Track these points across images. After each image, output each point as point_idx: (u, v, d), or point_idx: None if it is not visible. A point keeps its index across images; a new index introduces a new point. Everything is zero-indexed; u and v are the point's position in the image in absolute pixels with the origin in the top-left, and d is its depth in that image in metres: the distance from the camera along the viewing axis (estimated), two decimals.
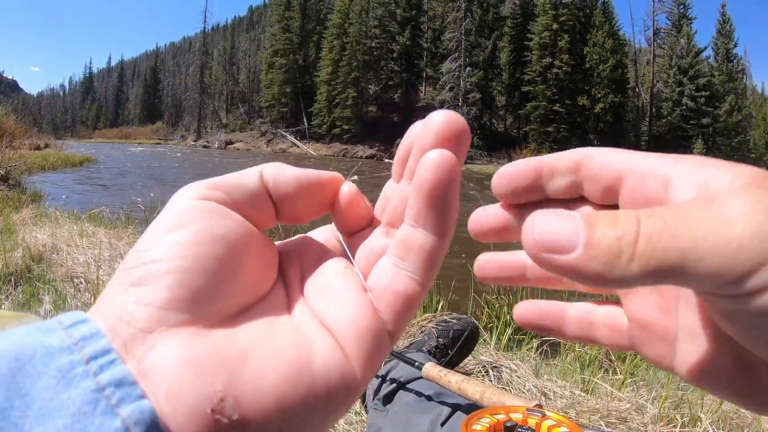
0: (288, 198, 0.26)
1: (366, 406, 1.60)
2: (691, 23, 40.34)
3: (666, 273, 0.18)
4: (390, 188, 0.28)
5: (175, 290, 0.20)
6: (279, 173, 0.26)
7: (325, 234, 0.30)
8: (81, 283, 2.82)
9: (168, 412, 0.18)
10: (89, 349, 0.19)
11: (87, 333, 0.19)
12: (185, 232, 0.22)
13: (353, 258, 0.27)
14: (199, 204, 0.23)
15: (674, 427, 1.60)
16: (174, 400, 0.18)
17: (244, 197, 0.25)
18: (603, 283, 0.19)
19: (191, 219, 0.22)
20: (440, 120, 0.23)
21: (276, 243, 0.28)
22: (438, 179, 0.22)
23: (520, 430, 0.80)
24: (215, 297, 0.22)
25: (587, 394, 1.82)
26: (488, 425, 0.80)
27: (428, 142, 0.23)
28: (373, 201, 0.29)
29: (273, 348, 0.21)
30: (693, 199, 0.19)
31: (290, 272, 0.26)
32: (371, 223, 0.29)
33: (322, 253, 0.27)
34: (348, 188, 0.28)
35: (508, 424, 0.80)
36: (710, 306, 0.21)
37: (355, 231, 0.28)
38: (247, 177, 0.25)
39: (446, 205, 0.23)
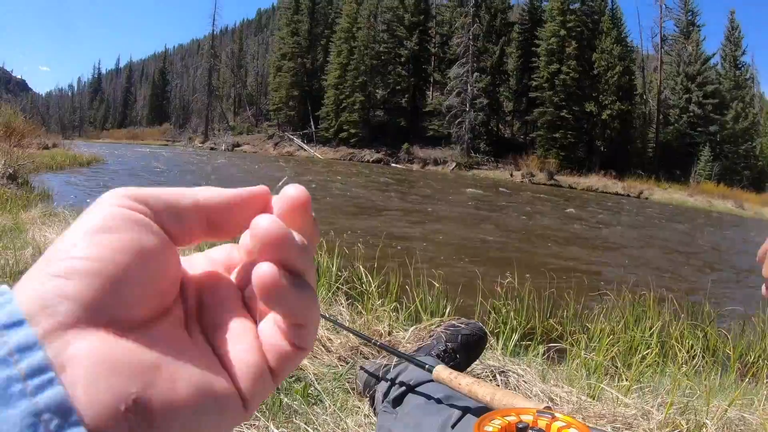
0: (220, 213, 0.27)
1: (375, 409, 1.61)
2: (700, 30, 40.22)
3: None
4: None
5: (97, 292, 0.21)
6: (212, 191, 0.27)
7: (227, 250, 0.30)
8: None
9: (85, 402, 0.19)
10: (26, 363, 0.19)
11: (24, 343, 0.19)
12: (111, 238, 0.22)
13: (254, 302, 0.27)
14: (126, 213, 0.23)
15: None
16: (92, 394, 0.19)
17: (171, 213, 0.25)
18: None
19: (117, 226, 0.23)
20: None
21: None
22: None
23: (530, 431, 0.82)
24: (130, 305, 0.22)
25: (593, 399, 1.83)
26: (500, 426, 0.82)
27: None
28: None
29: (181, 365, 0.23)
30: None
31: (188, 291, 0.27)
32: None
33: (218, 278, 0.28)
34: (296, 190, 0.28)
35: (520, 426, 0.82)
36: None
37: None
38: (179, 194, 0.26)
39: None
